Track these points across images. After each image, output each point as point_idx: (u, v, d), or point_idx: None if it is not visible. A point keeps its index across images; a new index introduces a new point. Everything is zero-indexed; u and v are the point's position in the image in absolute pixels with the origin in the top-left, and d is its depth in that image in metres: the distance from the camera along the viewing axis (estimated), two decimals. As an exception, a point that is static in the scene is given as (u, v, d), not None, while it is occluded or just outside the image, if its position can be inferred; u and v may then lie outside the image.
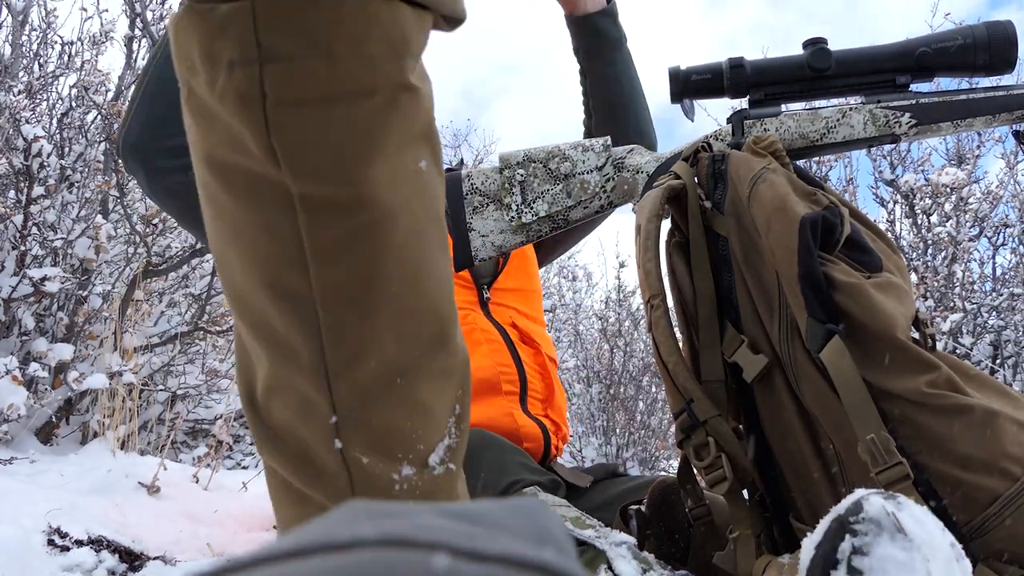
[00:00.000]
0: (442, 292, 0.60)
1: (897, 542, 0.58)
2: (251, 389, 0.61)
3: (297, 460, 0.58)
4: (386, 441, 0.57)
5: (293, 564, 0.21)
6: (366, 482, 0.57)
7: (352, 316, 0.55)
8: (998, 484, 0.77)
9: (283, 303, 0.55)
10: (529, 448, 1.31)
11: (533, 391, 1.39)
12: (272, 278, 0.55)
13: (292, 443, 0.58)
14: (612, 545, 0.89)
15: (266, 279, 0.55)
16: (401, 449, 0.58)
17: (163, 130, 1.10)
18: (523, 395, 1.36)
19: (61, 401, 2.25)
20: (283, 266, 0.54)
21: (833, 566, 0.59)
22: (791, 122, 1.09)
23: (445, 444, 0.60)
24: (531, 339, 1.44)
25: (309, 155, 0.51)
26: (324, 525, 0.24)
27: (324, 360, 0.55)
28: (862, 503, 0.61)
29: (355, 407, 0.56)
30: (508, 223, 1.17)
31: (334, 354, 0.55)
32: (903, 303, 0.85)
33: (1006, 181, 3.51)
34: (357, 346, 0.56)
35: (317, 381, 0.56)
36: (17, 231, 2.28)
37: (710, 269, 0.96)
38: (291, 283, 0.54)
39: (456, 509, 0.26)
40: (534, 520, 0.26)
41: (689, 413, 0.90)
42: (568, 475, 1.28)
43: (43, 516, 1.18)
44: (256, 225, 0.54)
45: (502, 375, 1.33)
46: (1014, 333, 3.15)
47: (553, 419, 1.41)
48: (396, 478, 0.58)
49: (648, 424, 4.31)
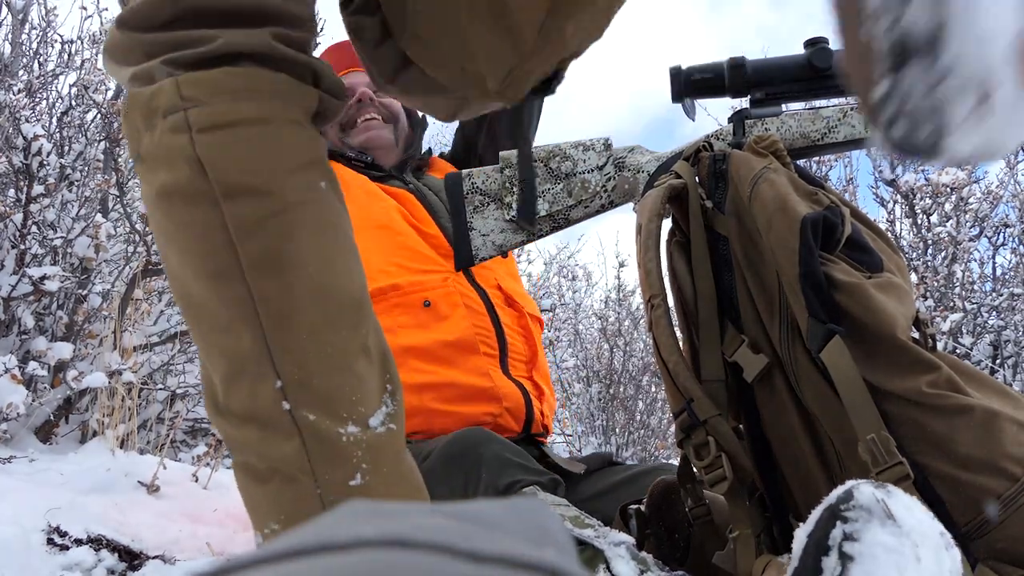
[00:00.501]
0: (354, 280, 0.72)
1: (887, 528, 0.59)
2: (214, 397, 0.71)
3: (256, 435, 0.68)
4: (329, 403, 0.68)
5: (293, 564, 0.21)
6: (317, 440, 0.67)
7: (276, 286, 0.68)
8: (998, 484, 0.77)
9: (222, 287, 0.68)
10: (509, 408, 1.32)
11: (515, 352, 1.40)
12: (211, 268, 0.68)
13: (251, 422, 0.69)
14: (611, 545, 0.89)
15: (207, 270, 0.68)
16: (344, 409, 0.68)
17: None
18: (503, 357, 1.37)
19: (60, 400, 2.25)
20: (218, 253, 0.68)
21: (825, 552, 0.60)
22: (792, 122, 1.09)
23: (384, 411, 0.71)
24: (513, 301, 1.46)
25: (225, 162, 0.68)
26: (324, 525, 0.24)
27: (263, 332, 0.67)
28: (853, 491, 0.61)
29: (296, 372, 0.67)
30: (509, 222, 1.17)
31: (268, 323, 0.67)
32: (903, 303, 0.85)
33: (1006, 181, 3.51)
34: (287, 313, 0.67)
35: (260, 353, 0.67)
36: (17, 230, 2.28)
37: (711, 269, 0.96)
38: (225, 265, 0.68)
39: (456, 509, 0.25)
40: (534, 520, 0.26)
41: (689, 413, 0.90)
42: (563, 463, 1.28)
43: (42, 515, 1.18)
44: (194, 229, 0.69)
45: (479, 336, 1.35)
46: (1014, 333, 3.15)
47: (537, 382, 1.42)
48: (343, 433, 0.68)
49: (648, 424, 4.31)
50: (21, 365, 2.02)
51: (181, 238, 0.70)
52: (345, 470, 0.68)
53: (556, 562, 0.22)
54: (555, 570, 0.22)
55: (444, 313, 1.33)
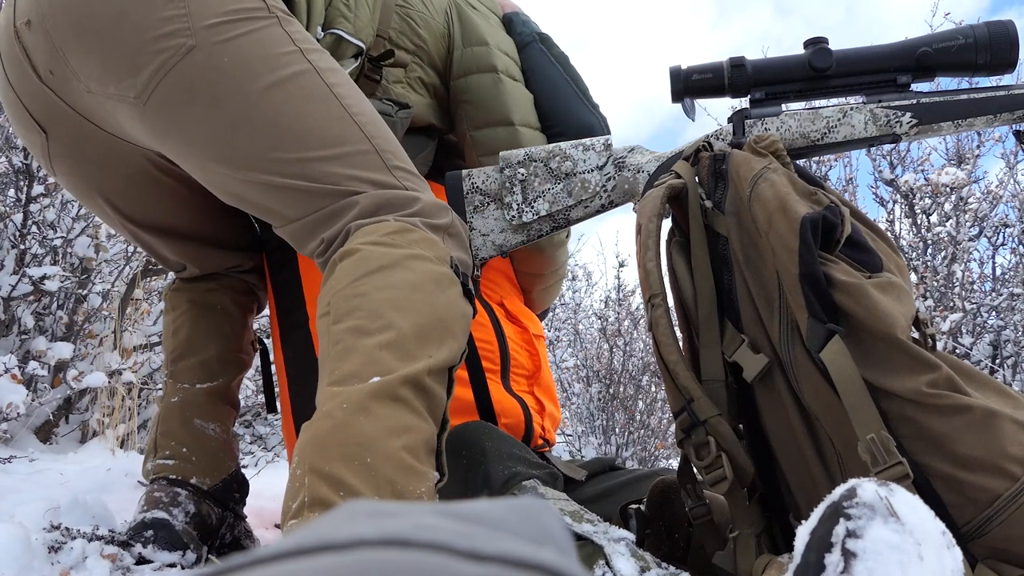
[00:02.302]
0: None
1: (890, 525, 0.59)
2: None
3: None
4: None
5: (293, 564, 0.21)
6: None
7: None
8: (998, 484, 0.77)
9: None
10: (507, 424, 1.31)
11: (517, 367, 1.40)
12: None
13: None
14: (611, 541, 0.89)
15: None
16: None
17: None
18: (504, 371, 1.37)
19: (60, 400, 2.25)
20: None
21: (828, 549, 0.60)
22: (792, 121, 1.09)
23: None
24: (517, 319, 1.46)
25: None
26: (324, 525, 0.24)
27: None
28: (856, 489, 0.61)
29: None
30: (509, 222, 1.17)
31: None
32: (903, 303, 0.85)
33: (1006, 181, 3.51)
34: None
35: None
36: (17, 230, 2.28)
37: (710, 269, 0.96)
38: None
39: (456, 509, 0.25)
40: (534, 520, 0.26)
41: (689, 412, 0.90)
42: (564, 468, 1.28)
43: (42, 515, 1.18)
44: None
45: (482, 350, 1.34)
46: (1014, 333, 3.15)
47: (538, 397, 1.41)
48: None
49: (647, 423, 4.31)
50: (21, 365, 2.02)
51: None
52: None
53: (556, 562, 0.22)
54: (555, 570, 0.22)
55: None
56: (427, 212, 1.01)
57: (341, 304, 0.93)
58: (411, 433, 0.84)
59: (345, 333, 0.90)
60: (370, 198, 0.99)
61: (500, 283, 1.49)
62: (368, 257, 0.94)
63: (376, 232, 0.96)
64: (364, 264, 0.94)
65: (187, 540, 1.16)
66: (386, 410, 0.84)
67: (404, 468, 0.82)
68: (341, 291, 0.93)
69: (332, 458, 0.81)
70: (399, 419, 0.84)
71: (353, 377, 0.86)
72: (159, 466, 1.25)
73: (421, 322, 0.91)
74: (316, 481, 0.80)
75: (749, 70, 1.07)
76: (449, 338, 0.92)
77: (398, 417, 0.84)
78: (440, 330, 0.92)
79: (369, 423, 0.82)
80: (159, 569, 1.10)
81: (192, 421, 1.30)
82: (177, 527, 1.16)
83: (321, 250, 1.01)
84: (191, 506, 1.21)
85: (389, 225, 0.97)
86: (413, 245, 0.96)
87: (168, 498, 1.20)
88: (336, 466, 0.80)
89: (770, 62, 1.08)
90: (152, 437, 1.31)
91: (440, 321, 0.93)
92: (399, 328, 0.89)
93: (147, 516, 1.16)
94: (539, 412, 1.40)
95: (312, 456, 0.82)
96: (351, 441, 0.81)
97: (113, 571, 1.06)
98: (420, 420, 0.86)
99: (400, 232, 0.97)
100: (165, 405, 1.34)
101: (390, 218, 0.98)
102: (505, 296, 1.48)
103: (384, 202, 0.99)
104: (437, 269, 0.96)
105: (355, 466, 0.80)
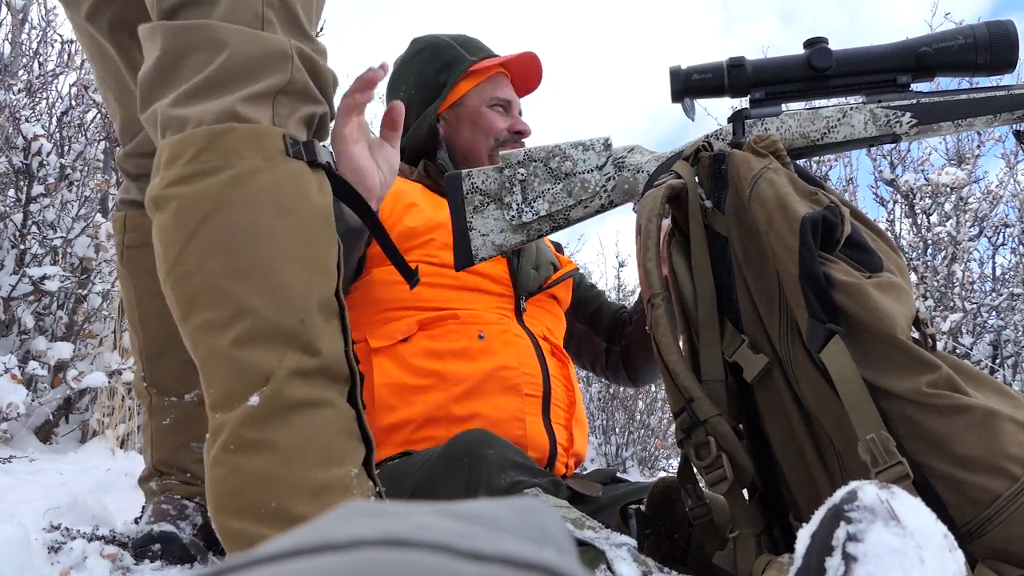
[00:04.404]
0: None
1: (891, 529, 0.59)
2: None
3: None
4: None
5: (293, 564, 0.21)
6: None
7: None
8: (998, 484, 0.77)
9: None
10: (532, 458, 1.29)
11: (557, 399, 1.37)
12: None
13: None
14: (612, 546, 0.89)
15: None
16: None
17: None
18: (546, 401, 1.34)
19: (60, 400, 2.25)
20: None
21: (828, 552, 0.60)
22: (792, 121, 1.09)
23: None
24: (561, 353, 1.44)
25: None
26: (324, 525, 0.24)
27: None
28: (857, 492, 0.61)
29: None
30: (508, 222, 1.17)
31: None
32: (903, 303, 0.85)
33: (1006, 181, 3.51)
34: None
35: None
36: (17, 230, 2.28)
37: (710, 269, 0.96)
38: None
39: (456, 509, 0.25)
40: (535, 520, 0.26)
41: (689, 412, 0.90)
42: (578, 486, 1.27)
43: (42, 514, 1.18)
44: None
45: (526, 377, 1.32)
46: (1014, 333, 3.15)
47: (572, 432, 1.38)
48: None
49: (647, 423, 4.31)
50: (21, 365, 2.02)
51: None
52: None
53: (556, 562, 0.22)
54: (555, 570, 0.22)
55: (495, 348, 1.31)
56: (246, 71, 0.81)
57: (180, 291, 0.79)
58: (314, 441, 0.75)
59: (198, 332, 0.78)
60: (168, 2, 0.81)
61: (543, 317, 1.46)
62: (184, 209, 0.78)
63: (182, 158, 0.79)
64: (183, 222, 0.78)
65: (194, 552, 1.12)
66: (274, 433, 0.74)
67: (314, 492, 0.74)
68: (172, 272, 0.79)
69: (235, 513, 0.74)
70: (292, 435, 0.75)
71: (230, 398, 0.76)
72: (164, 486, 1.19)
73: (275, 282, 0.76)
74: (229, 540, 0.75)
75: (749, 70, 1.07)
76: (316, 273, 0.79)
77: (290, 433, 0.75)
78: (303, 273, 0.78)
79: (260, 461, 0.74)
80: (159, 569, 1.10)
81: (189, 446, 1.18)
82: (184, 540, 1.12)
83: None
84: (199, 518, 1.17)
85: (195, 136, 0.79)
86: (232, 157, 0.78)
87: (175, 511, 1.16)
88: (243, 523, 0.74)
89: (770, 62, 1.08)
90: (149, 462, 1.22)
91: (297, 260, 0.78)
92: (252, 308, 0.76)
93: (154, 529, 1.12)
94: (566, 449, 1.36)
95: (216, 512, 0.75)
96: (247, 490, 0.74)
97: (113, 571, 1.06)
98: (319, 412, 0.77)
99: (209, 145, 0.78)
100: (155, 427, 1.19)
101: (194, 118, 0.79)
102: (547, 332, 1.45)
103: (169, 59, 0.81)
104: (270, 179, 0.79)
105: (261, 515, 0.73)
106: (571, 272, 1.54)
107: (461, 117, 1.50)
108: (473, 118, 1.50)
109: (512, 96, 1.54)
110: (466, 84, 1.50)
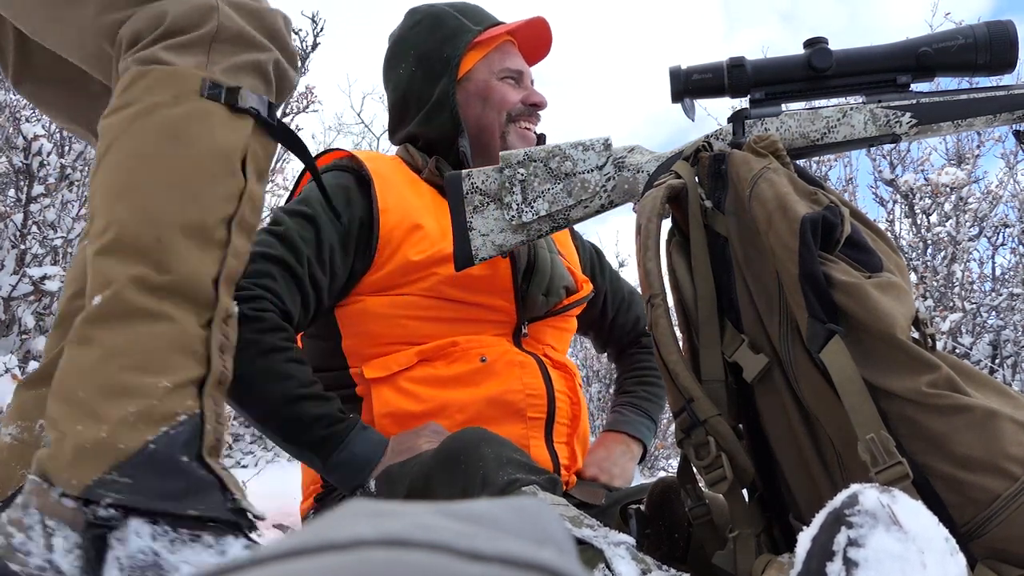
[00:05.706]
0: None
1: (892, 534, 0.59)
2: None
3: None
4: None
5: (293, 564, 0.21)
6: None
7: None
8: (998, 484, 0.77)
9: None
10: None
11: (561, 416, 1.34)
12: None
13: None
14: (611, 545, 0.88)
15: None
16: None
17: None
18: (550, 421, 1.31)
19: (61, 400, 2.24)
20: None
21: (829, 558, 0.60)
22: (792, 122, 1.09)
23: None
24: (563, 365, 1.40)
25: None
26: (324, 525, 0.24)
27: None
28: (858, 496, 0.61)
29: None
30: (508, 222, 1.17)
31: None
32: (903, 303, 0.85)
33: (1006, 181, 3.52)
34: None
35: None
36: (17, 230, 2.28)
37: (710, 269, 0.96)
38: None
39: (456, 509, 0.25)
40: (534, 520, 0.26)
41: (689, 412, 0.90)
42: (579, 494, 1.26)
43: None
44: None
45: (530, 399, 1.29)
46: (1013, 333, 3.15)
47: (574, 448, 1.36)
48: None
49: (647, 423, 4.29)
50: (21, 365, 2.02)
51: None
52: None
53: (556, 562, 0.22)
54: (555, 570, 0.22)
55: (498, 370, 1.28)
56: (174, 28, 0.88)
57: (89, 209, 0.88)
58: (136, 347, 0.80)
59: (83, 241, 0.86)
60: (127, 27, 0.89)
61: (545, 339, 1.41)
62: (101, 139, 0.87)
63: (112, 98, 0.88)
64: (98, 151, 0.87)
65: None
66: (102, 332, 0.80)
67: (116, 393, 0.78)
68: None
69: (55, 394, 0.80)
70: (116, 338, 0.80)
71: (85, 298, 0.83)
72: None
73: (143, 203, 0.83)
74: (49, 413, 0.80)
75: (749, 70, 1.07)
76: (189, 199, 0.84)
77: (116, 335, 0.80)
78: (174, 197, 0.84)
79: (84, 353, 0.80)
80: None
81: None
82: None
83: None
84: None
85: (123, 80, 0.87)
86: (144, 95, 0.86)
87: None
88: (56, 402, 0.80)
89: (770, 62, 1.08)
90: None
91: (174, 187, 0.84)
92: (118, 221, 0.82)
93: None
94: (568, 468, 1.34)
95: (51, 394, 0.81)
96: (69, 377, 0.80)
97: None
98: (155, 324, 0.81)
99: (130, 86, 0.86)
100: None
101: (128, 59, 0.87)
102: (548, 351, 1.40)
103: (134, 31, 0.89)
104: (172, 113, 0.85)
105: (70, 400, 0.78)
106: (584, 298, 1.46)
107: (469, 93, 1.38)
108: (483, 93, 1.37)
109: (523, 66, 1.42)
110: (472, 56, 1.38)
